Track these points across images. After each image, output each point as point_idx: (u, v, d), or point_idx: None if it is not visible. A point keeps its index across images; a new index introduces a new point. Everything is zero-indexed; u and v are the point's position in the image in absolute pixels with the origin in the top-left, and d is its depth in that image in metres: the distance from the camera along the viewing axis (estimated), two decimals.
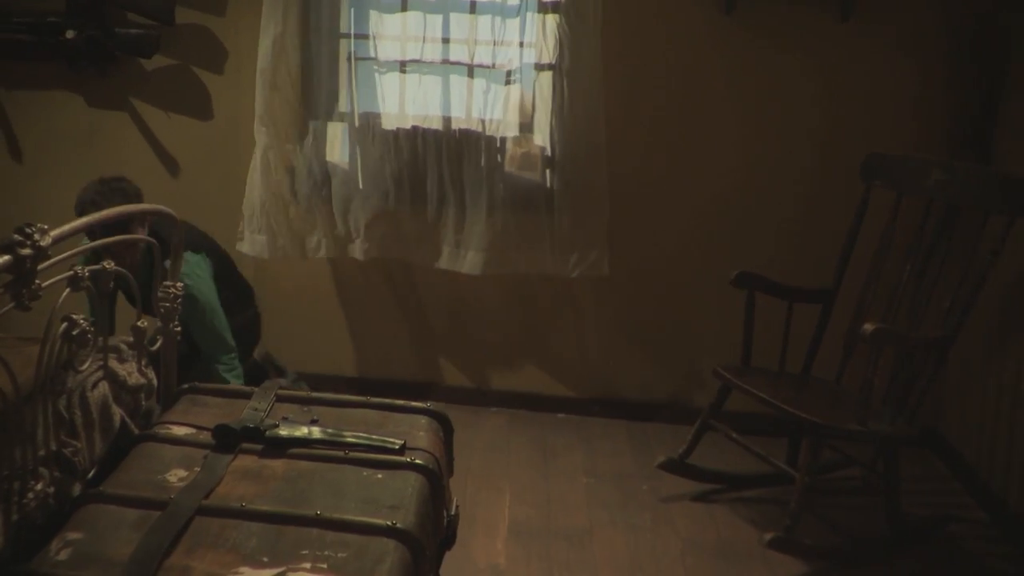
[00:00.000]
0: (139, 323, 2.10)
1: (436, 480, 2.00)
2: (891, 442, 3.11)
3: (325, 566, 1.62)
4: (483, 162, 3.74)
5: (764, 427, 3.65)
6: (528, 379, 4.07)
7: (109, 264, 1.90)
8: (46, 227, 1.58)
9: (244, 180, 3.79)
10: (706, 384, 3.67)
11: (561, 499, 3.38)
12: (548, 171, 3.79)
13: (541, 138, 3.80)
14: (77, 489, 1.81)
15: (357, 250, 3.85)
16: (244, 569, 1.59)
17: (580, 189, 3.77)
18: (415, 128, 3.74)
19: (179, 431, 2.07)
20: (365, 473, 1.96)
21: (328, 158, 3.84)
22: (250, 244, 3.85)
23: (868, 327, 2.93)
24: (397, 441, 2.06)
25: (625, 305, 3.98)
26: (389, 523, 1.74)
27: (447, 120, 3.75)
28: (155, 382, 2.20)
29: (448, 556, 2.91)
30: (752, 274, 3.41)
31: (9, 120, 3.84)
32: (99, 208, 2.51)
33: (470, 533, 3.10)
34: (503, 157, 3.80)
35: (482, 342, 4.05)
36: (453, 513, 2.19)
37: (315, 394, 2.30)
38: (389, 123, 3.75)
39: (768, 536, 3.05)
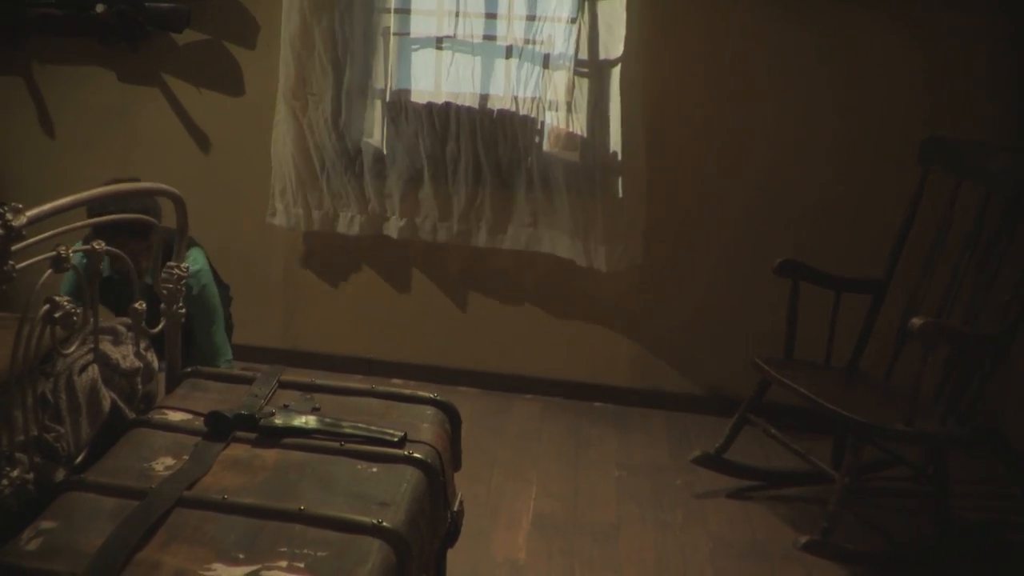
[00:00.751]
0: (136, 305, 2.06)
1: (435, 475, 1.93)
2: (941, 443, 2.95)
3: (302, 565, 1.56)
4: (519, 141, 3.65)
5: (812, 422, 3.51)
6: (564, 366, 3.98)
7: (99, 244, 1.86)
8: (20, 206, 1.54)
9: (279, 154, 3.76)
10: (751, 376, 3.54)
11: (590, 492, 3.29)
12: (586, 155, 3.68)
13: (580, 120, 3.69)
14: (61, 475, 1.78)
15: (392, 228, 3.81)
16: (217, 566, 1.54)
17: (617, 176, 3.66)
18: (448, 105, 3.67)
19: (175, 417, 2.04)
20: (360, 466, 1.89)
21: (362, 135, 3.79)
22: (284, 217, 3.83)
23: (916, 322, 2.77)
24: (397, 433, 2.00)
25: (667, 292, 3.86)
26: (375, 521, 1.67)
27: (483, 98, 3.66)
28: (155, 365, 2.17)
29: (465, 549, 2.86)
30: (796, 262, 3.27)
31: (42, 95, 3.86)
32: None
33: (491, 525, 3.04)
34: (541, 137, 3.70)
35: (516, 326, 3.97)
36: (456, 509, 2.11)
37: (318, 381, 2.24)
38: (423, 99, 3.68)
39: (804, 539, 2.92)
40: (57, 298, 1.71)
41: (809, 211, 3.67)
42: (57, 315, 1.70)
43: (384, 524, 1.67)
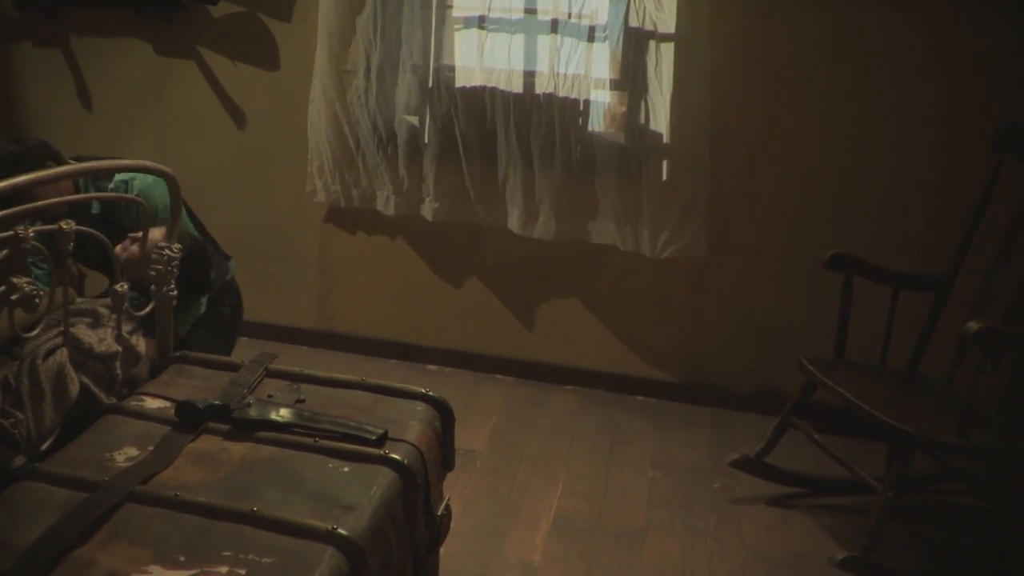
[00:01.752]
0: (117, 287, 2.02)
1: (412, 478, 1.83)
2: (999, 457, 2.74)
3: (243, 572, 1.49)
4: (558, 122, 3.51)
5: (867, 427, 3.30)
6: (606, 357, 3.85)
7: (68, 224, 1.81)
8: None
9: (314, 131, 3.71)
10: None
11: (619, 492, 3.17)
12: (640, 137, 3.53)
13: (634, 101, 3.53)
14: (20, 463, 1.75)
15: (427, 210, 3.73)
16: (154, 568, 1.48)
17: (678, 159, 3.50)
18: (486, 85, 3.56)
19: (151, 404, 1.99)
20: (331, 465, 1.82)
21: (397, 112, 3.71)
22: (323, 193, 3.78)
23: (972, 326, 2.57)
24: (377, 430, 1.91)
25: (716, 281, 3.69)
26: (330, 527, 1.59)
27: (523, 76, 3.54)
28: (141, 349, 2.13)
29: (477, 547, 2.79)
30: (849, 256, 3.07)
31: (79, 67, 3.88)
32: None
33: (509, 523, 2.94)
34: (585, 118, 3.56)
35: (556, 315, 3.85)
36: (441, 513, 2.02)
37: (308, 371, 2.17)
38: (461, 77, 3.57)
39: (841, 555, 2.75)
40: (15, 280, 1.67)
41: (872, 204, 3.46)
42: (14, 297, 1.66)
43: (339, 531, 1.58)
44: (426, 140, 3.66)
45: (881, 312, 3.08)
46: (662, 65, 3.41)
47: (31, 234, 1.69)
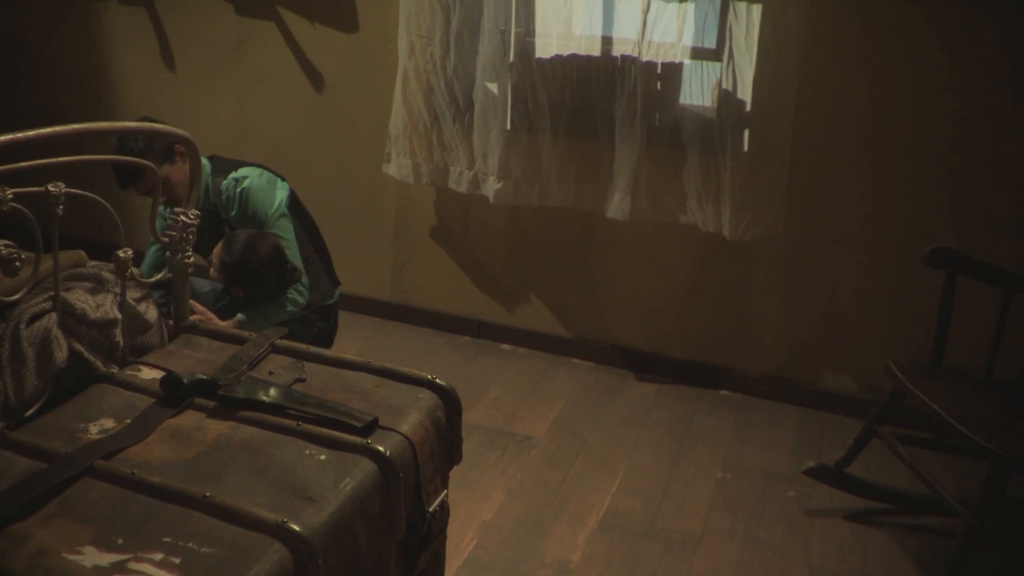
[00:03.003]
0: (120, 252, 2.00)
1: (393, 471, 1.74)
2: None
3: (177, 561, 1.43)
4: (640, 91, 3.33)
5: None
6: (689, 345, 3.66)
7: (57, 186, 1.79)
8: None
9: (390, 97, 3.65)
10: None
11: (680, 493, 3.00)
12: (725, 109, 3.30)
13: (720, 69, 3.31)
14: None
15: (489, 189, 3.60)
16: (87, 549, 1.44)
17: (763, 134, 3.27)
18: (563, 53, 3.40)
19: (147, 375, 1.96)
20: (308, 451, 1.74)
21: (474, 81, 3.60)
22: (396, 167, 3.73)
23: None
24: (366, 417, 1.82)
25: (812, 270, 3.44)
26: (280, 520, 1.51)
27: (604, 41, 3.37)
28: (148, 317, 2.11)
29: (513, 542, 2.68)
30: (951, 251, 2.79)
31: (164, 28, 3.94)
32: None
33: (553, 519, 2.82)
34: (668, 86, 3.36)
35: (636, 299, 3.68)
36: (434, 510, 1.91)
37: (314, 349, 2.11)
38: (540, 44, 3.43)
39: None
40: None
41: (983, 194, 3.14)
42: None
43: (289, 525, 1.50)
44: (502, 112, 3.53)
45: (989, 315, 2.79)
46: (753, 31, 3.17)
47: (10, 195, 1.67)
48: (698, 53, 3.32)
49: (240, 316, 2.97)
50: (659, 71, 3.32)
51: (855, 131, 3.24)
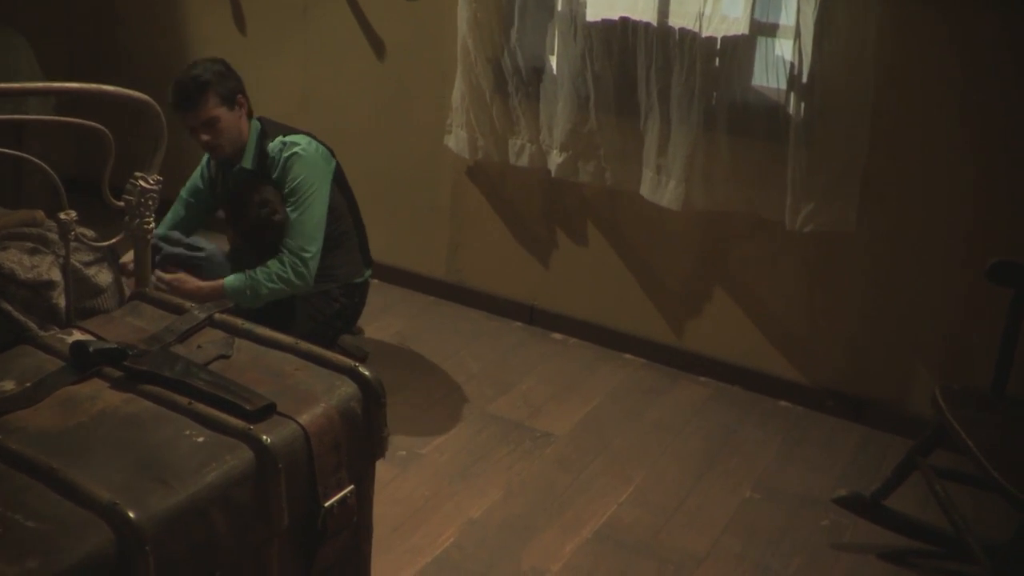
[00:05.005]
0: (62, 214, 2.03)
1: (270, 461, 1.69)
2: None
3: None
4: (699, 68, 3.13)
5: None
6: (747, 350, 3.44)
7: None
8: None
9: (449, 68, 3.60)
10: None
11: (696, 510, 2.82)
12: (791, 89, 3.07)
13: (789, 47, 3.07)
14: None
15: (552, 163, 3.49)
16: None
17: (832, 121, 3.02)
18: (624, 20, 3.24)
19: (76, 339, 2.00)
20: (189, 431, 1.71)
21: (539, 53, 3.49)
22: (455, 140, 3.68)
23: None
24: (262, 402, 1.79)
25: (886, 279, 3.16)
26: (113, 502, 1.49)
27: (662, 12, 3.19)
28: (98, 280, 2.15)
29: (496, 544, 2.61)
30: (1018, 266, 2.48)
31: None
32: None
33: (545, 524, 2.72)
34: (733, 64, 3.14)
35: (697, 296, 3.49)
36: (330, 506, 1.85)
37: (249, 326, 2.08)
38: (595, 12, 3.29)
39: None
40: None
41: None
42: None
43: (119, 507, 1.48)
44: (559, 85, 3.41)
45: None
46: (819, 4, 2.92)
47: None
48: (763, 28, 3.10)
49: (227, 280, 3.01)
50: (718, 46, 3.12)
51: (950, 121, 2.94)
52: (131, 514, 1.49)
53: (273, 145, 3.13)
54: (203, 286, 3.03)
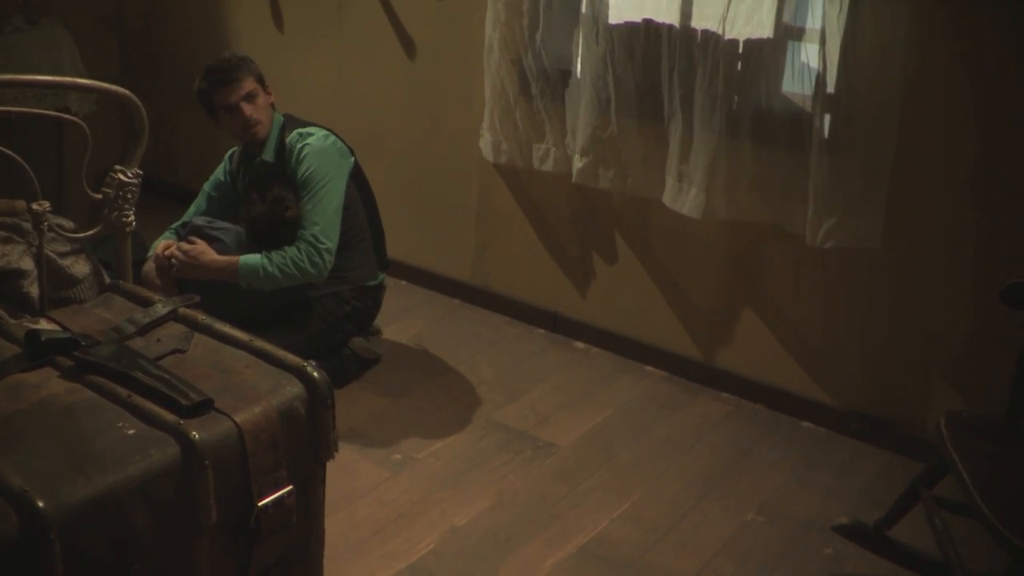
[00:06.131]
0: (35, 205, 2.10)
1: (196, 458, 1.71)
2: None
3: None
4: (722, 72, 3.07)
5: None
6: (769, 367, 3.35)
7: None
8: None
9: (477, 69, 3.61)
10: None
11: (692, 530, 2.76)
12: (817, 99, 2.98)
13: (815, 52, 2.98)
14: None
15: (573, 168, 3.46)
16: None
17: (857, 132, 2.93)
18: (648, 23, 3.20)
19: (41, 328, 2.06)
20: (121, 423, 1.74)
21: (562, 56, 3.47)
22: (484, 142, 3.69)
23: None
24: (197, 396, 1.81)
25: (914, 298, 3.04)
26: (23, 489, 1.53)
27: (685, 14, 3.13)
28: (74, 271, 2.21)
29: (473, 554, 2.61)
30: None
31: None
32: None
33: (529, 537, 2.69)
34: (757, 69, 3.07)
35: (722, 310, 3.42)
36: (266, 504, 1.86)
37: (209, 321, 2.11)
38: (618, 15, 3.25)
39: None
40: None
41: None
42: None
43: (28, 494, 1.52)
44: (582, 89, 3.38)
45: None
46: (854, 11, 2.83)
47: None
48: (788, 32, 3.01)
49: (242, 257, 3.06)
50: (740, 49, 3.05)
51: (981, 135, 2.82)
52: (39, 503, 1.52)
53: (291, 138, 3.20)
54: (218, 259, 3.11)
